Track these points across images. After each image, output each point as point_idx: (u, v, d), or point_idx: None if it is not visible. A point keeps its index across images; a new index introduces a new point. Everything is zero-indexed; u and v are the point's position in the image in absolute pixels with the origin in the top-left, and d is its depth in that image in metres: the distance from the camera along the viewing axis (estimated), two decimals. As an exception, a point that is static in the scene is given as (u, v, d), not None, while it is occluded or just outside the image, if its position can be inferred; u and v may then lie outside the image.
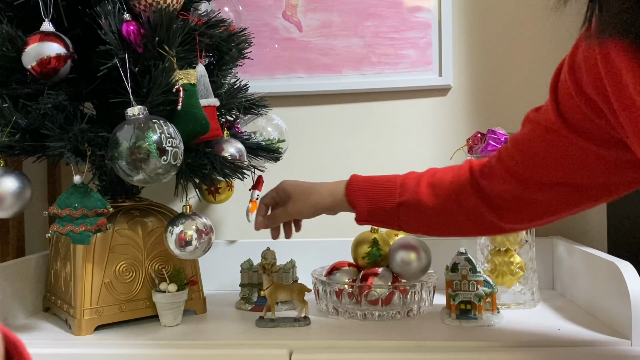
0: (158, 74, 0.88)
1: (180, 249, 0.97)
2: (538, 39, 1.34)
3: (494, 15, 1.36)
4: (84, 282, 0.99)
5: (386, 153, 1.39)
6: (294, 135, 1.35)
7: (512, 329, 0.98)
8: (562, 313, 1.06)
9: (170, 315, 1.02)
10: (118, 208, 1.05)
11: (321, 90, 1.38)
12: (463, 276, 1.01)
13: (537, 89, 1.35)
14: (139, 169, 0.83)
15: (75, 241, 0.90)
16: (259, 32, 1.37)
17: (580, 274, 1.11)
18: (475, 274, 1.01)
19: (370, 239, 1.11)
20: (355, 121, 1.40)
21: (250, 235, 1.40)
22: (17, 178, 0.92)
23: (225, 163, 0.99)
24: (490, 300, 1.01)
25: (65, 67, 0.87)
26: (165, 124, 0.85)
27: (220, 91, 1.11)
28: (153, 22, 0.88)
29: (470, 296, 1.00)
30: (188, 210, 1.00)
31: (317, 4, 1.38)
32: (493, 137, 1.10)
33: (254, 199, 1.22)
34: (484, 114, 1.36)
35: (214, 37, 1.04)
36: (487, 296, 1.01)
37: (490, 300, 1.01)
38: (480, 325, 0.98)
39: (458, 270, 1.01)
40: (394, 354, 0.89)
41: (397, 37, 1.36)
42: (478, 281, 1.01)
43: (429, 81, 1.35)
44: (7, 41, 0.87)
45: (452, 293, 1.01)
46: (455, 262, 1.02)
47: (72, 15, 0.93)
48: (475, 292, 1.00)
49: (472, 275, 1.01)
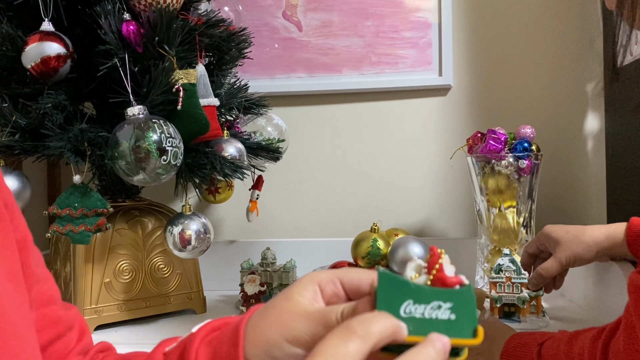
0: (158, 74, 0.88)
1: (179, 248, 0.97)
2: (538, 39, 1.34)
3: (494, 15, 1.36)
4: (84, 282, 0.99)
5: (386, 153, 1.39)
6: (294, 135, 1.35)
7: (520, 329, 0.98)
8: (562, 313, 1.06)
9: None
10: (118, 208, 1.05)
11: (321, 90, 1.38)
12: (507, 278, 0.98)
13: (537, 89, 1.35)
14: (138, 168, 0.83)
15: (75, 241, 0.90)
16: (259, 31, 1.37)
17: (581, 274, 1.11)
18: (520, 276, 0.97)
19: (370, 239, 1.11)
20: (355, 121, 1.40)
21: (250, 235, 1.40)
22: (17, 178, 0.92)
23: (225, 163, 0.99)
24: (535, 303, 0.98)
25: (65, 66, 0.87)
26: (165, 123, 0.85)
27: (220, 91, 1.11)
28: (153, 21, 0.88)
29: (513, 299, 0.97)
30: (187, 210, 1.00)
31: (317, 4, 1.38)
32: (493, 136, 1.10)
33: (254, 199, 1.22)
34: (484, 114, 1.36)
35: (214, 37, 1.04)
36: (532, 299, 0.97)
37: (535, 303, 0.98)
38: (523, 329, 0.93)
39: (502, 271, 0.98)
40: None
41: (397, 37, 1.36)
42: (522, 283, 0.97)
43: (429, 81, 1.35)
44: (7, 41, 0.87)
45: (496, 295, 0.98)
46: (499, 263, 0.99)
47: (72, 15, 0.93)
48: (518, 295, 0.97)
49: (516, 277, 0.98)
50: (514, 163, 1.07)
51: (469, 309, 0.35)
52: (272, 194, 1.38)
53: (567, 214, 1.34)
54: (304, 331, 0.37)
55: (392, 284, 0.36)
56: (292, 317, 0.38)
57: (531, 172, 1.08)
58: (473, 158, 1.12)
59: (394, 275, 0.37)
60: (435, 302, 0.35)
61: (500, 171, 1.08)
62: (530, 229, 1.13)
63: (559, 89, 1.34)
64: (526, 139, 1.08)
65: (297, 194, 1.41)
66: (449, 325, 0.34)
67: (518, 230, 1.10)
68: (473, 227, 1.36)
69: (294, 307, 0.39)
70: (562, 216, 1.33)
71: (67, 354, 0.51)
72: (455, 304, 0.35)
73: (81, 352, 0.52)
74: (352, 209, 1.39)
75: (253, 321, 0.40)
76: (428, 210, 1.38)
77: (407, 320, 0.35)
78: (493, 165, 1.08)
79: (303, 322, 0.37)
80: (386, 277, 0.36)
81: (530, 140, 1.09)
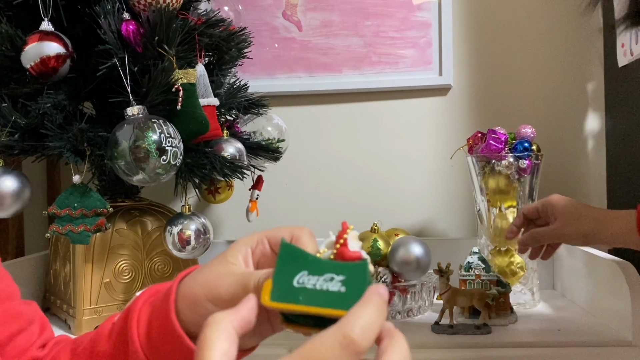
0: (157, 74, 0.88)
1: (179, 248, 0.97)
2: (538, 38, 1.34)
3: (494, 15, 1.36)
4: (84, 282, 0.99)
5: (386, 153, 1.39)
6: (294, 135, 1.34)
7: (512, 328, 0.98)
8: (562, 313, 1.06)
9: None
10: (117, 208, 1.05)
11: (321, 89, 1.38)
12: (477, 275, 1.00)
13: (537, 89, 1.35)
14: (138, 168, 0.83)
15: (75, 241, 0.90)
16: (259, 31, 1.37)
17: (581, 274, 1.11)
18: (489, 273, 1.00)
19: (370, 239, 1.11)
20: (355, 121, 1.40)
21: (250, 235, 1.40)
22: (17, 178, 0.92)
23: (225, 163, 0.99)
24: (504, 299, 1.01)
25: (64, 66, 0.87)
26: (164, 123, 0.85)
27: (220, 91, 1.11)
28: (152, 21, 0.88)
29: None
30: (187, 210, 1.00)
31: (317, 4, 1.38)
32: (493, 136, 1.09)
33: (254, 199, 1.22)
34: (484, 113, 1.36)
35: (214, 37, 1.03)
36: (501, 295, 1.00)
37: (503, 300, 1.01)
38: (493, 325, 0.97)
39: (471, 269, 1.01)
40: (394, 354, 0.89)
41: (397, 37, 1.36)
42: (491, 280, 1.00)
43: (429, 81, 1.35)
44: (6, 41, 0.86)
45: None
46: (469, 261, 1.01)
47: (72, 15, 0.93)
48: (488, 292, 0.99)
49: (485, 275, 1.00)
50: (514, 163, 1.07)
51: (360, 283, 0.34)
52: (272, 194, 1.38)
53: (567, 214, 1.34)
54: (224, 291, 0.39)
55: (291, 254, 0.37)
56: (217, 277, 0.40)
57: (531, 172, 1.08)
58: (473, 158, 1.12)
59: (294, 247, 0.38)
60: (329, 274, 0.35)
61: (500, 171, 1.08)
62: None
63: (559, 89, 1.34)
64: (526, 138, 1.08)
65: (297, 194, 1.41)
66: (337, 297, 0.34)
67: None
68: (473, 227, 1.36)
69: (223, 268, 0.41)
70: (562, 216, 1.33)
71: (28, 347, 0.52)
72: (348, 277, 0.35)
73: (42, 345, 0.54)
74: (352, 209, 1.39)
75: (186, 279, 0.42)
76: (428, 211, 1.37)
77: (299, 290, 0.35)
78: (493, 165, 1.08)
79: (226, 283, 0.40)
80: (286, 248, 0.38)
81: (531, 140, 1.09)
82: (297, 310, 0.35)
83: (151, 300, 0.45)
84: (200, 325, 0.35)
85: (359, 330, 0.30)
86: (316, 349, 0.30)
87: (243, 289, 0.39)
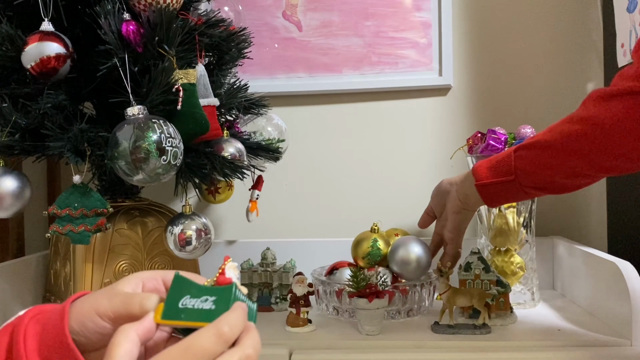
0: (158, 74, 0.88)
1: (179, 248, 0.97)
2: (538, 39, 1.34)
3: (494, 15, 1.36)
4: (84, 282, 0.99)
5: (386, 153, 1.39)
6: (294, 135, 1.34)
7: (512, 329, 0.98)
8: (562, 313, 1.06)
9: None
10: (118, 208, 1.05)
11: (321, 90, 1.38)
12: (476, 275, 1.00)
13: (537, 89, 1.35)
14: (138, 168, 0.83)
15: (75, 241, 0.90)
16: (259, 31, 1.37)
17: (581, 274, 1.11)
18: (489, 273, 1.00)
19: (370, 239, 1.11)
20: (355, 121, 1.40)
21: (250, 235, 1.40)
22: (17, 178, 0.92)
23: (225, 163, 0.99)
24: (504, 299, 1.01)
25: (64, 66, 0.87)
26: (165, 123, 0.85)
27: (220, 91, 1.11)
28: (153, 21, 0.88)
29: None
30: (188, 210, 1.00)
31: (317, 4, 1.38)
32: (493, 136, 1.10)
33: (254, 199, 1.22)
34: (484, 114, 1.36)
35: (214, 37, 1.03)
36: (501, 295, 1.00)
37: (503, 300, 1.01)
38: (493, 325, 0.98)
39: (471, 269, 1.01)
40: (394, 353, 0.89)
41: (397, 37, 1.36)
42: (491, 280, 1.00)
43: (429, 81, 1.35)
44: (6, 41, 0.86)
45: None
46: (469, 261, 1.01)
47: (72, 15, 0.93)
48: (488, 292, 0.99)
49: (485, 275, 1.00)
50: (514, 163, 1.06)
51: (226, 302, 0.44)
52: (272, 194, 1.38)
53: (568, 213, 1.34)
54: (108, 307, 0.46)
55: (180, 284, 0.46)
56: (104, 295, 0.47)
57: (531, 172, 1.08)
58: (473, 158, 1.12)
59: (185, 278, 0.46)
60: (205, 296, 0.45)
61: (500, 171, 1.08)
62: (530, 229, 1.13)
63: (559, 88, 1.34)
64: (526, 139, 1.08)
65: (297, 194, 1.41)
66: (207, 313, 0.44)
67: (518, 230, 1.10)
68: (473, 227, 1.35)
69: (111, 290, 0.48)
70: (562, 216, 1.34)
71: None
72: (218, 298, 0.44)
73: None
74: (352, 209, 1.39)
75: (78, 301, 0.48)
76: (428, 210, 1.37)
77: (182, 310, 0.44)
78: (493, 165, 1.08)
79: (111, 300, 0.46)
80: (178, 279, 0.46)
81: (531, 140, 1.08)
82: (179, 325, 0.44)
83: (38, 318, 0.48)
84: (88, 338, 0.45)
85: (228, 326, 0.42)
86: (196, 339, 0.41)
87: (125, 306, 0.45)
